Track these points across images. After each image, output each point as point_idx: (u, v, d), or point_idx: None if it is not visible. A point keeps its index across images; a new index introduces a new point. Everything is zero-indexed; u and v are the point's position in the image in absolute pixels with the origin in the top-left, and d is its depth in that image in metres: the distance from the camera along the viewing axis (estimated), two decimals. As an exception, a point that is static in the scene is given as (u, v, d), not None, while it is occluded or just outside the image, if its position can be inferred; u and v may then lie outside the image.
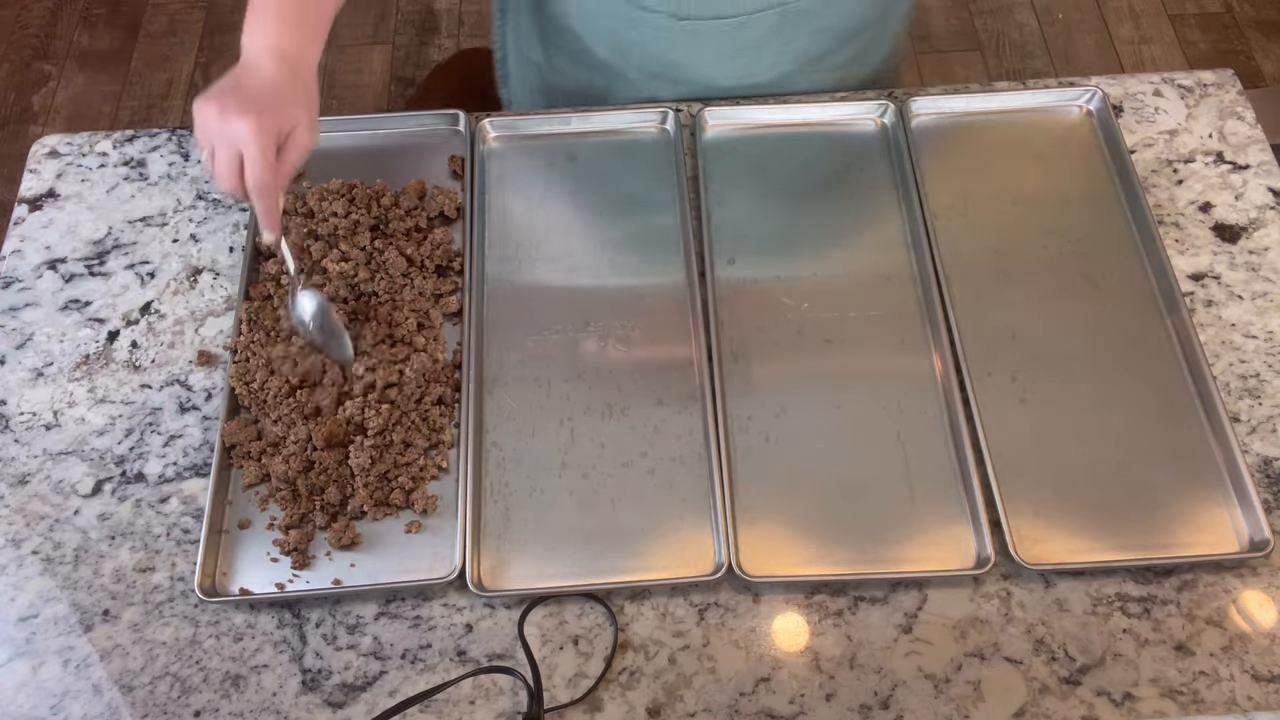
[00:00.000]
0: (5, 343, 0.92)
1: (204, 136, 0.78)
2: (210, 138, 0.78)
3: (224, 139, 0.77)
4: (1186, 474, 0.82)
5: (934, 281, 0.90)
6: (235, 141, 0.76)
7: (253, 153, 0.76)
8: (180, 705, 0.75)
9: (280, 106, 0.78)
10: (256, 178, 0.77)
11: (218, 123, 0.76)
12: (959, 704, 0.74)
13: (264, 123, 0.76)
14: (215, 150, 0.78)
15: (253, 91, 0.78)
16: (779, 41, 0.99)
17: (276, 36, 0.81)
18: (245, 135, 0.76)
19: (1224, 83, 1.06)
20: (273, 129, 0.77)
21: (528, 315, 0.92)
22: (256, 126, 0.76)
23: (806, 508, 0.81)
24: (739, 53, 0.99)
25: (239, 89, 0.78)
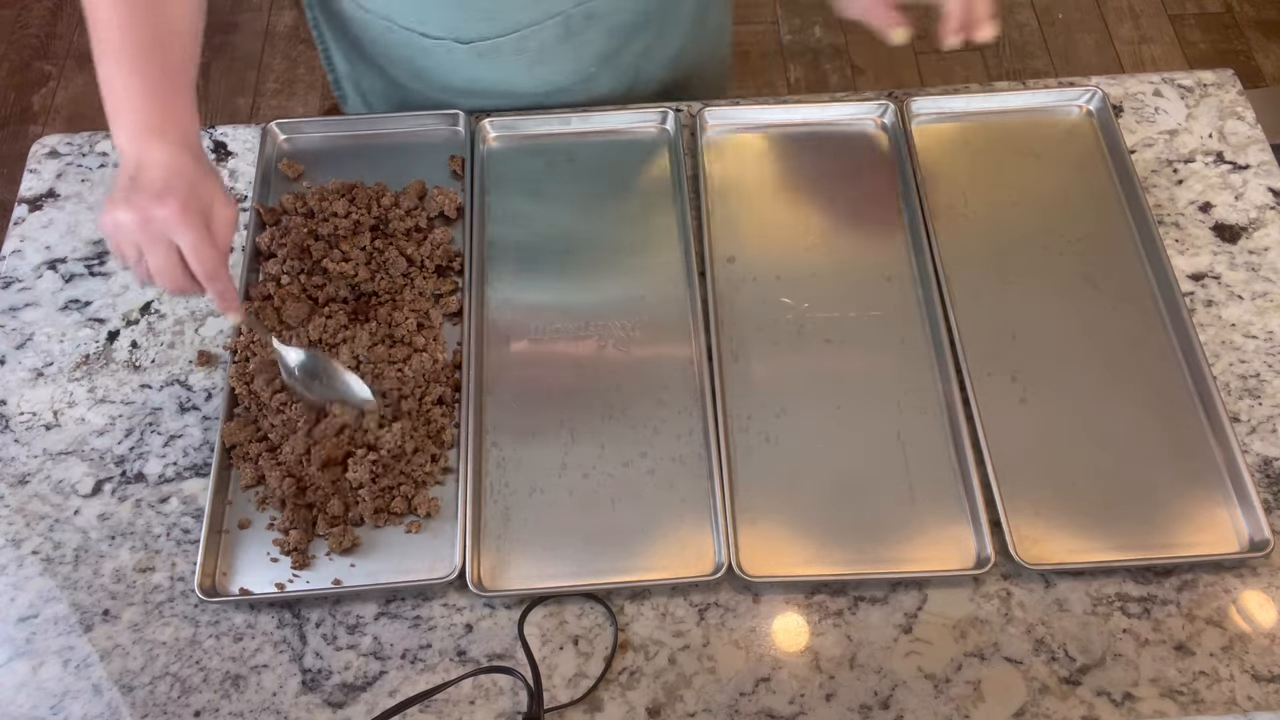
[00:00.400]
0: (5, 343, 0.92)
1: (126, 244, 0.73)
2: (134, 243, 0.72)
3: (151, 236, 0.71)
4: (1186, 474, 0.82)
5: (934, 281, 0.90)
6: (164, 235, 0.71)
7: (190, 240, 0.71)
8: (180, 705, 0.75)
9: (192, 185, 0.73)
10: (205, 264, 0.72)
11: (138, 223, 0.71)
12: (959, 704, 0.74)
13: (187, 205, 0.71)
14: (145, 253, 0.72)
15: (158, 180, 0.72)
16: (571, 47, 0.98)
17: (150, 118, 0.75)
18: (174, 225, 0.71)
19: (1224, 83, 1.06)
20: (196, 208, 0.72)
21: (528, 315, 0.92)
22: (181, 211, 0.71)
23: (806, 508, 0.81)
24: (533, 65, 0.98)
25: (141, 185, 0.72)
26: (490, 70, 0.99)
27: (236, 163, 1.02)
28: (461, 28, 0.94)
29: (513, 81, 1.00)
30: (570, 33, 0.96)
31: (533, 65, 0.98)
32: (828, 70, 2.29)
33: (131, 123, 0.75)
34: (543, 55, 0.98)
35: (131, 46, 0.76)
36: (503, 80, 1.00)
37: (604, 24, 0.98)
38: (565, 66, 1.00)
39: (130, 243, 0.73)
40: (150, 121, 0.75)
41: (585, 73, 1.02)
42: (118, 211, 0.71)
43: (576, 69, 1.01)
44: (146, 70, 0.76)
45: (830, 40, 2.34)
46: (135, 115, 0.75)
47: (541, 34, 0.95)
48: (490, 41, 0.95)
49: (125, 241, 0.73)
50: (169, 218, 0.71)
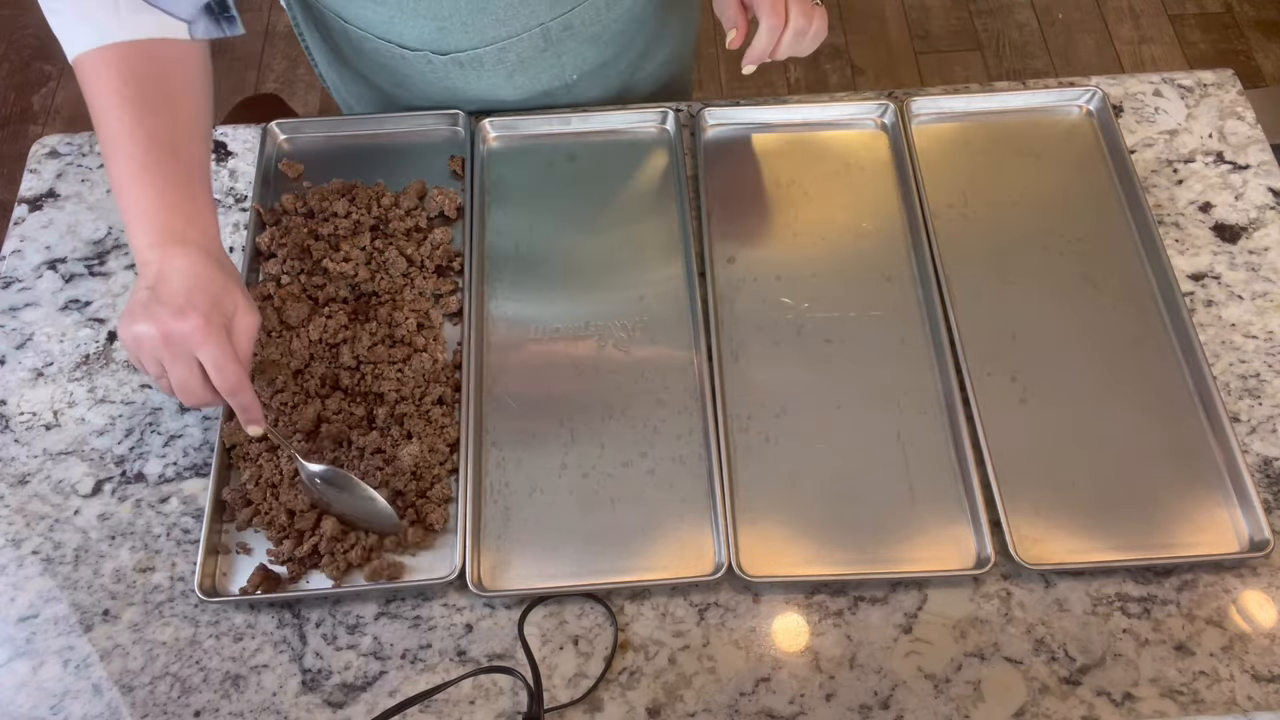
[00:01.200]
0: (5, 343, 0.92)
1: (148, 359, 0.72)
2: (156, 357, 0.71)
3: (173, 353, 0.70)
4: (1186, 474, 0.82)
5: (934, 281, 0.90)
6: (187, 351, 0.70)
7: (212, 355, 0.70)
8: (180, 705, 0.75)
9: (214, 297, 0.71)
10: (227, 380, 0.71)
11: (159, 339, 0.70)
12: (959, 704, 0.74)
13: (209, 320, 0.70)
14: (168, 367, 0.71)
15: (179, 293, 0.70)
16: (551, 56, 0.98)
17: (171, 227, 0.73)
18: (196, 339, 0.70)
19: (1224, 83, 1.06)
20: (218, 321, 0.71)
21: (528, 315, 0.92)
22: (203, 326, 0.69)
23: (806, 508, 0.81)
24: (514, 74, 0.98)
25: (161, 297, 0.70)
26: (471, 80, 0.98)
27: (236, 163, 1.02)
28: (439, 40, 0.93)
29: (494, 90, 1.00)
30: (549, 43, 0.96)
31: (513, 74, 0.98)
32: (828, 70, 2.29)
33: (150, 230, 0.73)
34: (523, 65, 0.98)
35: (144, 149, 0.74)
36: (484, 89, 1.00)
37: (583, 34, 0.97)
38: (546, 74, 1.00)
39: (151, 358, 0.71)
40: (170, 228, 0.73)
41: (566, 80, 1.02)
42: (138, 325, 0.70)
43: (558, 76, 1.01)
44: (163, 173, 0.74)
45: (830, 40, 2.34)
46: (153, 222, 0.73)
47: (520, 45, 0.95)
48: (469, 53, 0.95)
49: (146, 356, 0.72)
50: (192, 334, 0.69)
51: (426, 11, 0.90)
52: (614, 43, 1.01)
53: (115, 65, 0.75)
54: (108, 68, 0.75)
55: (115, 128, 0.74)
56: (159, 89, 0.76)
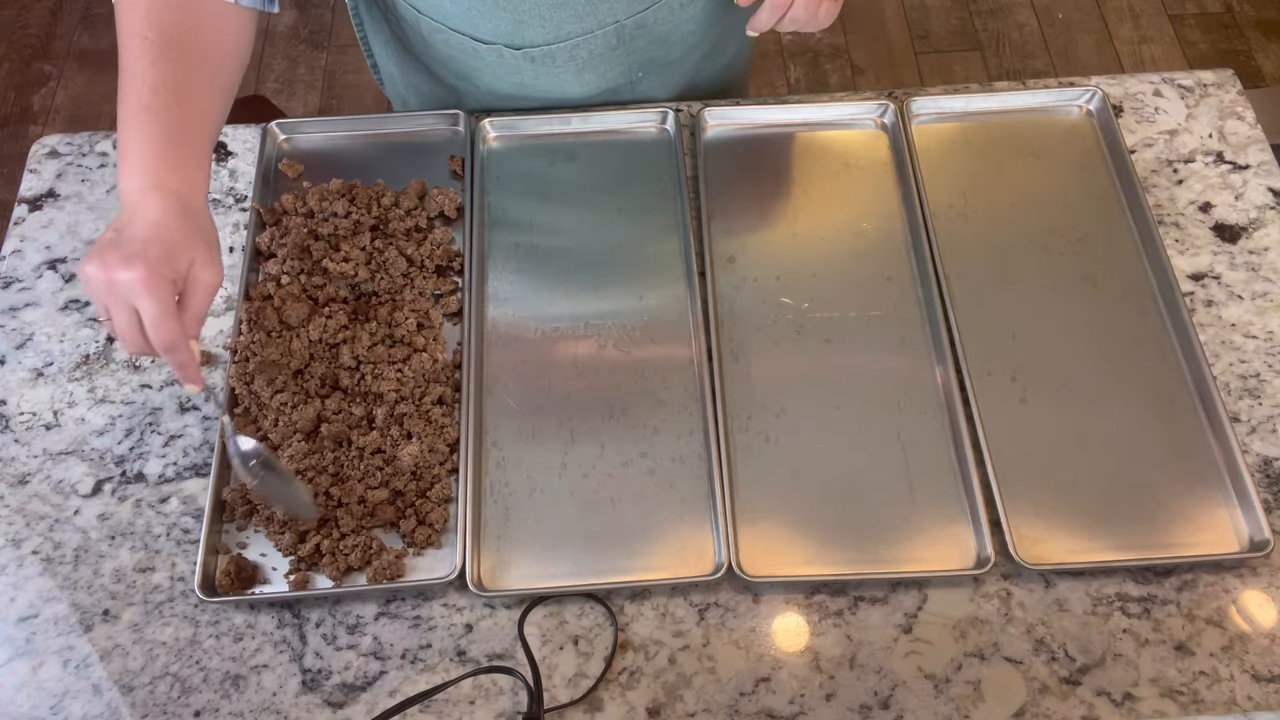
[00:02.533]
0: (5, 343, 0.92)
1: (96, 299, 0.71)
2: (101, 299, 0.70)
3: (115, 298, 0.69)
4: (1186, 474, 0.82)
5: (934, 281, 0.90)
6: (126, 299, 0.69)
7: (148, 307, 0.69)
8: (180, 705, 0.75)
9: (170, 249, 0.70)
10: (161, 334, 0.70)
11: (104, 283, 0.69)
12: (959, 704, 0.74)
13: (154, 272, 0.69)
14: (111, 312, 0.71)
15: (136, 240, 0.70)
16: (621, 54, 0.98)
17: (155, 172, 0.72)
18: (135, 289, 0.69)
19: (1224, 83, 1.06)
20: (166, 275, 0.69)
21: (528, 315, 0.92)
22: (145, 278, 0.68)
23: (806, 508, 0.81)
24: (582, 70, 0.99)
25: (120, 240, 0.70)
26: (540, 75, 0.99)
27: (236, 163, 1.02)
28: (514, 34, 0.94)
29: (561, 85, 1.00)
30: (621, 41, 0.97)
31: (583, 71, 0.99)
32: (828, 70, 2.29)
33: (135, 172, 0.73)
34: (593, 61, 0.98)
35: (150, 93, 0.74)
36: (551, 84, 1.00)
37: (654, 32, 0.98)
38: (614, 71, 1.00)
39: (98, 299, 0.71)
40: (153, 174, 0.73)
41: (632, 77, 1.02)
42: (90, 265, 0.70)
43: (625, 73, 1.01)
44: (161, 119, 0.74)
45: (830, 40, 2.34)
46: (140, 164, 0.73)
47: (593, 42, 0.95)
48: (543, 48, 0.95)
49: (94, 296, 0.71)
50: (132, 282, 0.69)
51: (505, 6, 0.91)
52: (683, 42, 1.01)
53: (146, 9, 0.76)
54: (138, 9, 0.76)
55: (130, 69, 0.75)
56: (181, 39, 0.77)
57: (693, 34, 1.01)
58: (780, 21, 0.84)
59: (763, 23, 0.85)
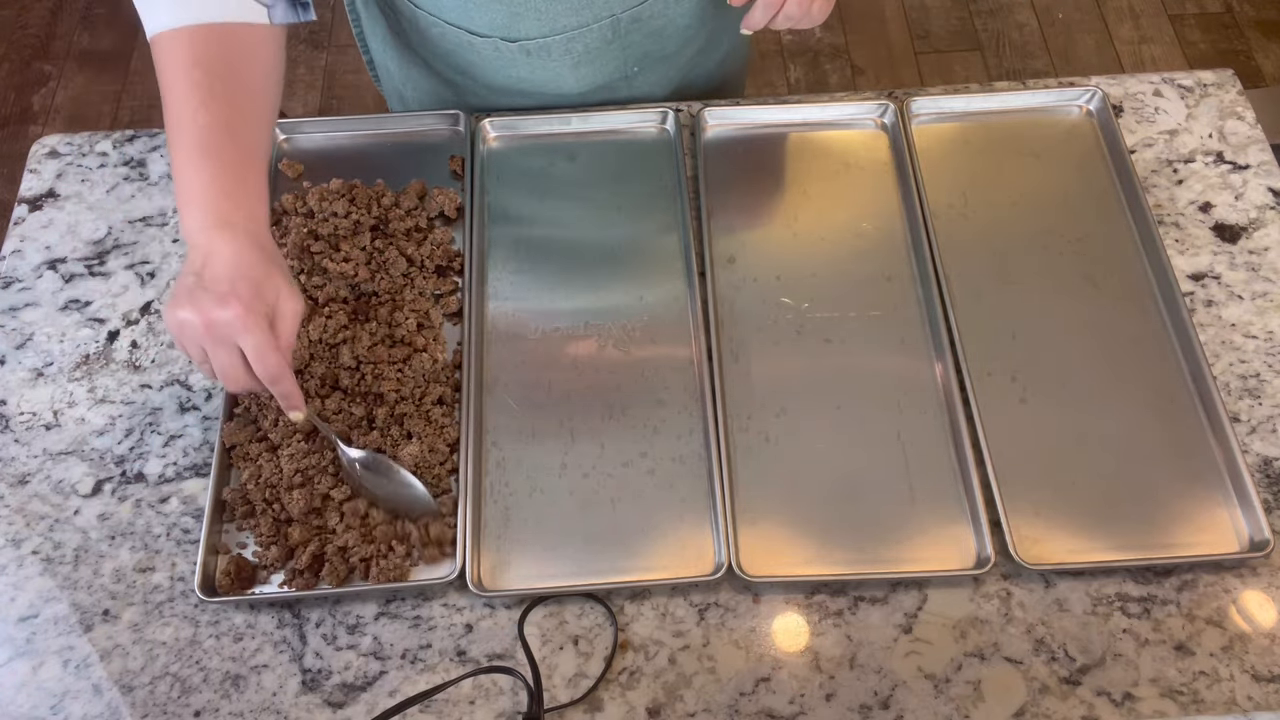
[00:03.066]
0: (5, 343, 0.92)
1: (191, 344, 0.72)
2: (198, 343, 0.72)
3: (215, 339, 0.71)
4: (1186, 474, 0.82)
5: (934, 281, 0.90)
6: (228, 338, 0.71)
7: (253, 343, 0.71)
8: (180, 705, 0.75)
9: (257, 284, 0.72)
10: (268, 368, 0.72)
11: (202, 326, 0.70)
12: (959, 704, 0.74)
13: (250, 308, 0.70)
14: (210, 353, 0.72)
15: (223, 279, 0.71)
16: (617, 48, 0.99)
17: (219, 209, 0.73)
18: (237, 327, 0.70)
19: (1224, 83, 1.06)
20: (260, 310, 0.71)
21: (528, 315, 0.92)
22: (244, 315, 0.70)
23: (806, 508, 0.81)
24: (578, 65, 0.99)
25: (205, 283, 0.71)
26: (536, 69, 0.99)
27: (236, 163, 1.02)
28: (510, 27, 0.94)
29: (557, 80, 1.00)
30: (617, 35, 0.97)
31: (578, 65, 0.99)
32: (828, 70, 2.29)
33: (199, 213, 0.73)
34: (588, 55, 0.98)
35: (204, 133, 0.74)
36: (547, 78, 1.00)
37: (649, 26, 0.98)
38: (609, 66, 1.01)
39: (195, 343, 0.72)
40: (219, 212, 0.73)
41: (628, 71, 1.02)
42: (182, 311, 0.71)
43: (620, 68, 1.01)
44: (218, 158, 0.74)
45: (830, 40, 2.34)
46: (203, 205, 0.73)
47: (588, 36, 0.96)
48: (538, 41, 0.95)
49: (190, 341, 0.72)
50: (233, 321, 0.70)
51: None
52: (678, 36, 1.01)
53: (188, 46, 0.76)
54: (180, 48, 0.76)
55: (178, 109, 0.75)
56: (227, 73, 0.76)
57: (688, 28, 1.01)
58: (774, 19, 0.84)
59: (756, 21, 0.85)
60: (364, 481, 0.81)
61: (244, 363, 0.72)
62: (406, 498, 0.80)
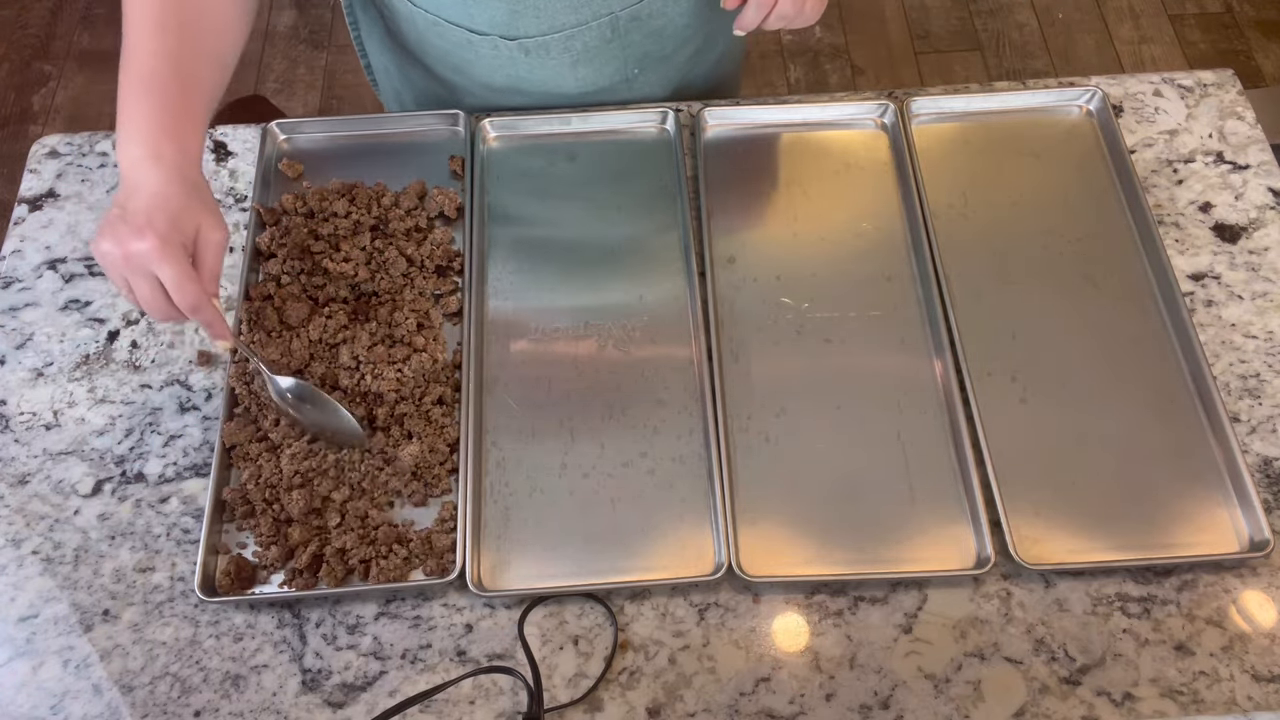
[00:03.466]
0: (5, 343, 0.92)
1: (115, 276, 0.74)
2: (121, 275, 0.73)
3: (134, 269, 0.72)
4: (1186, 474, 0.82)
5: (934, 281, 0.90)
6: (145, 268, 0.72)
7: (169, 273, 0.72)
8: (180, 705, 0.75)
9: (175, 216, 0.73)
10: (185, 297, 0.73)
11: (121, 258, 0.72)
12: (959, 704, 0.74)
13: (166, 239, 0.72)
14: (132, 284, 0.73)
15: (141, 212, 0.72)
16: (617, 48, 0.99)
17: (152, 142, 0.75)
18: (151, 258, 0.72)
19: (1224, 83, 1.06)
20: (177, 241, 0.72)
21: (528, 315, 0.92)
22: (158, 246, 0.71)
23: (806, 508, 0.81)
24: (577, 64, 0.99)
25: (126, 214, 0.73)
26: (535, 67, 0.99)
27: (236, 163, 1.02)
28: (509, 25, 0.94)
29: (556, 79, 1.00)
30: (616, 34, 0.97)
31: (577, 64, 0.99)
32: (828, 70, 2.29)
33: (131, 145, 0.75)
34: (587, 55, 0.98)
35: (153, 70, 0.77)
36: (546, 78, 1.00)
37: (648, 26, 0.98)
38: (609, 67, 1.01)
39: (118, 274, 0.74)
40: (150, 146, 0.75)
41: (628, 74, 1.02)
42: (103, 242, 0.73)
43: (620, 69, 1.01)
44: (162, 95, 0.77)
45: (830, 40, 2.34)
46: (137, 137, 0.75)
47: (587, 34, 0.96)
48: (537, 39, 0.95)
49: (113, 273, 0.74)
50: (149, 252, 0.72)
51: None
52: (676, 36, 1.01)
53: None
54: None
55: (130, 40, 0.78)
56: (183, 8, 0.79)
57: (686, 28, 1.01)
58: (767, 19, 0.84)
59: (749, 21, 0.85)
60: (296, 411, 0.82)
61: (164, 293, 0.74)
62: (336, 427, 0.82)
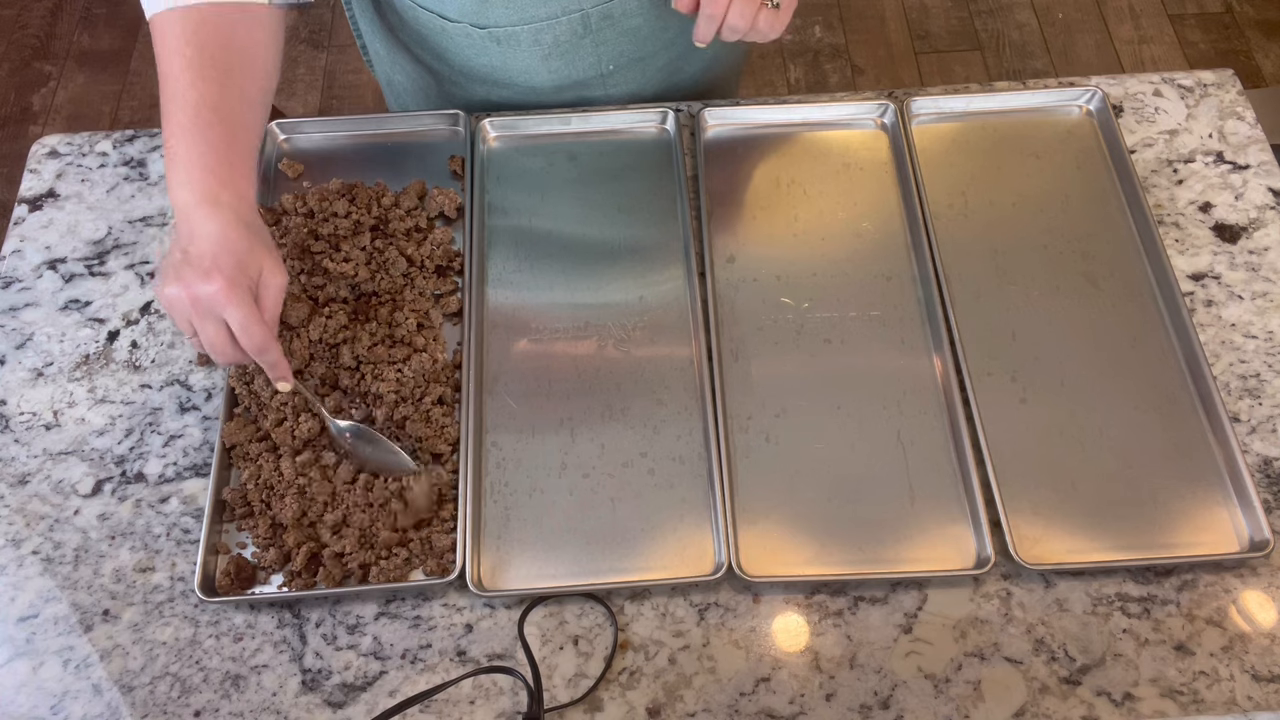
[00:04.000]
0: (5, 343, 0.92)
1: (180, 319, 0.75)
2: (187, 318, 0.74)
3: (200, 313, 0.74)
4: (1186, 474, 0.82)
5: (934, 281, 0.90)
6: (213, 311, 0.73)
7: (237, 317, 0.73)
8: (180, 705, 0.75)
9: (240, 259, 0.74)
10: (253, 340, 0.74)
11: (188, 301, 0.73)
12: (959, 704, 0.74)
13: (233, 282, 0.73)
14: (198, 327, 0.75)
15: (207, 256, 0.73)
16: (589, 45, 0.99)
17: (205, 186, 0.75)
18: (221, 302, 0.73)
19: (1224, 83, 1.06)
20: (244, 284, 0.74)
21: (528, 315, 0.92)
22: (228, 290, 0.72)
23: (806, 508, 0.81)
24: (549, 57, 0.99)
25: (190, 259, 0.73)
26: (508, 58, 0.99)
27: (236, 163, 1.02)
28: (479, 13, 0.94)
29: (529, 72, 1.01)
30: (588, 30, 0.97)
31: (549, 57, 0.99)
32: (828, 70, 2.29)
33: (186, 190, 0.75)
34: (559, 48, 0.98)
35: (194, 111, 0.77)
36: (520, 69, 1.00)
37: (622, 25, 0.98)
38: (582, 63, 1.00)
39: (183, 317, 0.75)
40: (206, 189, 0.75)
41: (603, 70, 1.02)
42: (169, 287, 0.74)
43: (595, 65, 1.01)
44: (206, 136, 0.77)
45: (830, 40, 2.34)
46: (191, 182, 0.75)
47: (558, 28, 0.96)
48: (506, 29, 0.95)
49: (179, 316, 0.75)
50: (216, 295, 0.72)
51: None
52: (654, 38, 1.01)
53: (181, 26, 0.78)
54: (174, 28, 0.78)
55: (171, 88, 0.78)
56: (219, 53, 0.79)
57: (665, 30, 1.01)
58: (720, 31, 0.83)
59: (703, 33, 0.84)
60: (353, 449, 0.83)
61: (230, 336, 0.75)
62: (390, 463, 0.82)
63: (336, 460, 0.83)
